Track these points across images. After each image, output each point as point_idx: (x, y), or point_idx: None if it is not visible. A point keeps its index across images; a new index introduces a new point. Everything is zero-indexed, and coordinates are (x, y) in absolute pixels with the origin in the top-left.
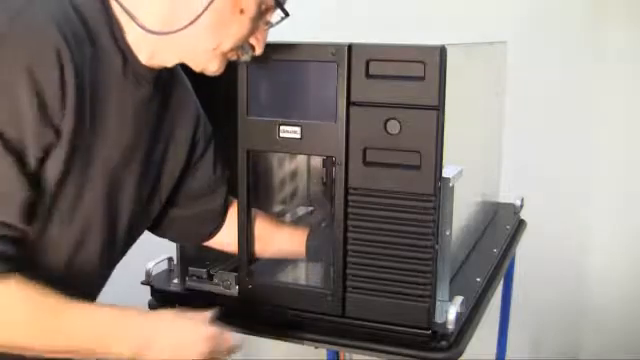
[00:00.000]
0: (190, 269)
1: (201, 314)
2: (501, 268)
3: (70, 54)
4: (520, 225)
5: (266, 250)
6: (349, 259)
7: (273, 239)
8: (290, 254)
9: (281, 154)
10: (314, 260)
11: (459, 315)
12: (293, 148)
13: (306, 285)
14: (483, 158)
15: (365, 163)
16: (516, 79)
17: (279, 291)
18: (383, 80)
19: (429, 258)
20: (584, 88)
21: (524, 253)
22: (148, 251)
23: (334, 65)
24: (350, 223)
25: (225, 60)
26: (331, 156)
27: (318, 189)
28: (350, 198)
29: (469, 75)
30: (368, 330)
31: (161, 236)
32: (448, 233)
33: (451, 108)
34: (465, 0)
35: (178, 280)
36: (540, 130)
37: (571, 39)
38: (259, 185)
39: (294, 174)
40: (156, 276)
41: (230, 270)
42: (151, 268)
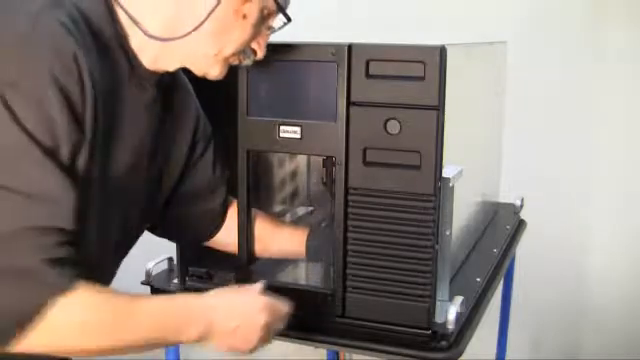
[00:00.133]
0: (190, 269)
1: (252, 287)
2: (501, 268)
3: (84, 57)
4: (520, 225)
5: (266, 250)
6: (349, 259)
7: (273, 239)
8: (290, 254)
9: (281, 154)
10: (314, 260)
11: (459, 315)
12: (293, 148)
13: (306, 285)
14: (483, 158)
15: (365, 163)
16: (516, 79)
17: (279, 291)
18: (383, 80)
19: (429, 258)
20: (584, 88)
21: (524, 253)
22: (148, 251)
23: (334, 65)
24: (350, 223)
25: (227, 65)
26: (331, 156)
27: (318, 189)
28: (350, 198)
29: (469, 75)
30: (368, 330)
31: (161, 236)
32: (448, 233)
33: (451, 108)
34: (465, 0)
35: (178, 280)
36: (540, 130)
37: (571, 39)
38: (259, 185)
39: (294, 174)
40: (156, 276)
41: (230, 270)
42: (151, 268)
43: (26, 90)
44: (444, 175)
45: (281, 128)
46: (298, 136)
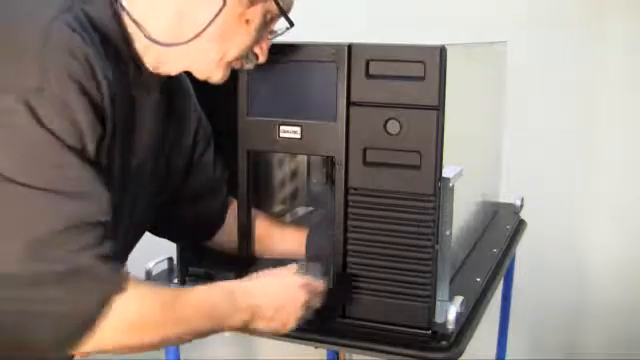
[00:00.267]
0: (190, 269)
1: (288, 268)
2: (501, 268)
3: (95, 57)
4: (520, 225)
5: (266, 250)
6: (349, 259)
7: (273, 239)
8: (290, 254)
9: (281, 154)
10: (314, 260)
11: (459, 315)
12: (293, 148)
13: None
14: (483, 158)
15: (365, 163)
16: (516, 79)
17: None
18: (383, 80)
19: (429, 258)
20: (584, 88)
21: (524, 253)
22: (148, 251)
23: (334, 65)
24: (350, 223)
25: (229, 69)
26: (331, 156)
27: (318, 189)
28: (350, 198)
29: (469, 75)
30: (368, 330)
31: (161, 236)
32: (448, 233)
33: (451, 108)
34: (465, 0)
35: (178, 280)
36: (540, 130)
37: (571, 39)
38: (259, 185)
39: (294, 174)
40: (156, 276)
41: (230, 270)
42: (151, 268)
43: (51, 96)
44: (444, 175)
45: (281, 128)
46: (298, 136)
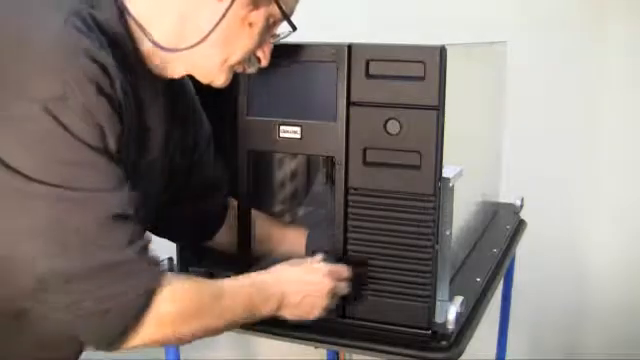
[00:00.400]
0: (190, 269)
1: (314, 258)
2: (501, 268)
3: (108, 58)
4: (520, 225)
5: (266, 250)
6: (349, 259)
7: (273, 239)
8: (290, 254)
9: (281, 154)
10: None
11: (459, 315)
12: (293, 148)
13: None
14: (483, 158)
15: (365, 163)
16: (516, 79)
17: None
18: (383, 80)
19: (429, 258)
20: (584, 88)
21: (524, 253)
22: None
23: (334, 65)
24: (350, 223)
25: (232, 73)
26: (331, 156)
27: (318, 189)
28: (350, 198)
29: (469, 75)
30: (368, 330)
31: (161, 236)
32: (448, 233)
33: (451, 108)
34: (465, 0)
35: None
36: (540, 130)
37: (571, 40)
38: (259, 185)
39: (294, 174)
40: None
41: (230, 270)
42: None
43: (74, 103)
44: (444, 175)
45: (281, 128)
46: (298, 136)
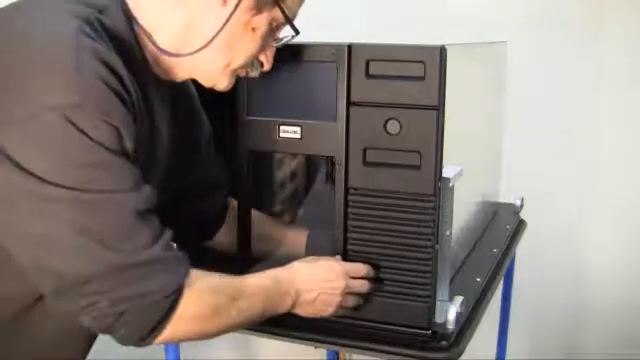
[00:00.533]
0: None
1: (330, 257)
2: (501, 268)
3: (118, 64)
4: (520, 225)
5: (266, 250)
6: (349, 259)
7: (273, 239)
8: (290, 254)
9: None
10: None
11: (459, 315)
12: (293, 148)
13: None
14: (483, 158)
15: (365, 163)
16: (516, 79)
17: None
18: (383, 80)
19: (429, 258)
20: (584, 88)
21: (524, 253)
22: None
23: (334, 65)
24: (350, 223)
25: (234, 77)
26: (331, 156)
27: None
28: (350, 198)
29: (469, 75)
30: (368, 330)
31: None
32: (448, 233)
33: (451, 108)
34: (465, 0)
35: None
36: (540, 130)
37: (571, 40)
38: (259, 185)
39: (294, 174)
40: None
41: (230, 270)
42: None
43: (92, 109)
44: (444, 175)
45: (281, 128)
46: (298, 136)
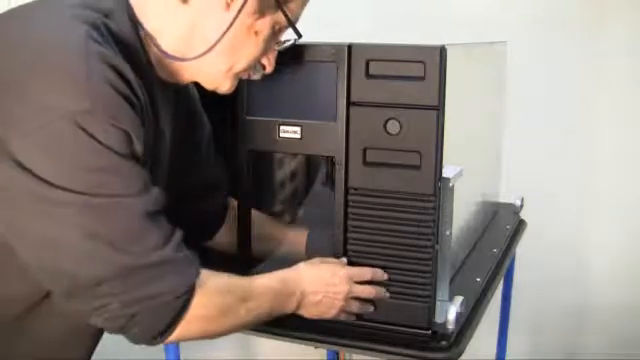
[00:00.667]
0: None
1: (337, 260)
2: (501, 268)
3: (126, 69)
4: (520, 225)
5: (266, 251)
6: (349, 259)
7: (273, 240)
8: (290, 254)
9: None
10: None
11: (459, 315)
12: (293, 148)
13: None
14: (483, 158)
15: (365, 163)
16: (516, 79)
17: None
18: (383, 80)
19: (429, 258)
20: (584, 88)
21: (524, 253)
22: None
23: (334, 65)
24: (350, 223)
25: (237, 79)
26: (331, 156)
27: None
28: (350, 198)
29: (469, 75)
30: (368, 330)
31: None
32: (448, 233)
33: (451, 108)
34: (465, 0)
35: None
36: (540, 130)
37: (572, 40)
38: (259, 185)
39: (294, 174)
40: None
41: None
42: None
43: (101, 114)
44: (444, 175)
45: (281, 128)
46: (298, 136)
